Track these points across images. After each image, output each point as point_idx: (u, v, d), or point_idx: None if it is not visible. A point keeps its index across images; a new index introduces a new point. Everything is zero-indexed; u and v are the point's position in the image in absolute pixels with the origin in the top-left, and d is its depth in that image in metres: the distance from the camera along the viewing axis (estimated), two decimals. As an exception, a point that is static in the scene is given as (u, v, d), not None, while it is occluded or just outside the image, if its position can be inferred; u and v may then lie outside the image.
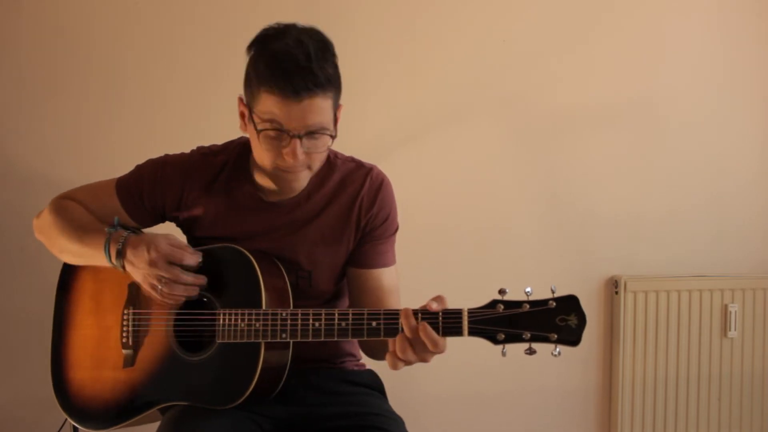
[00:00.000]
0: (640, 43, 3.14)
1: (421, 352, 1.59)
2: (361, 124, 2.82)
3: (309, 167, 1.71)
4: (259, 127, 1.64)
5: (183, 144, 1.92)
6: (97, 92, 2.73)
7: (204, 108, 2.75)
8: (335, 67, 1.67)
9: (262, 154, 1.69)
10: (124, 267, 1.75)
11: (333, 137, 1.69)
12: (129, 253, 1.74)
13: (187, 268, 1.74)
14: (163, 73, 2.77)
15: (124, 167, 1.92)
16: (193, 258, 1.74)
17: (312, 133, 1.65)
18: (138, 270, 1.74)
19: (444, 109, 2.99)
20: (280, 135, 1.64)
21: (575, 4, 3.08)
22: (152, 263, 1.71)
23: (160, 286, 1.72)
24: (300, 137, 1.64)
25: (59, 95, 2.72)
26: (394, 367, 1.62)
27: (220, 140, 1.91)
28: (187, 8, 2.78)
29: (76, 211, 1.87)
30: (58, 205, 1.89)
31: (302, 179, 1.74)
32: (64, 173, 2.68)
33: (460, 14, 2.98)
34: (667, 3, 3.18)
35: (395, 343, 1.60)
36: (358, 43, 2.85)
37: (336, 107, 1.70)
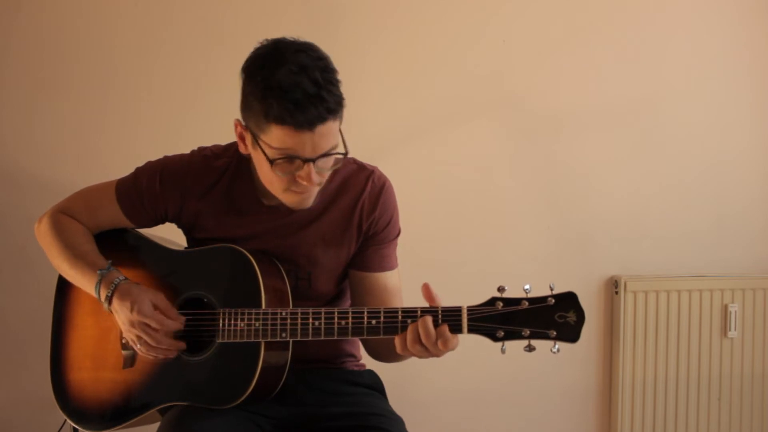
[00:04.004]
0: (640, 43, 3.14)
1: (434, 350, 1.61)
2: (361, 124, 2.82)
3: (318, 184, 1.69)
4: (272, 157, 1.62)
5: (182, 144, 1.92)
6: (97, 93, 2.74)
7: (203, 108, 2.76)
8: (339, 84, 1.63)
9: (273, 179, 1.67)
10: (111, 311, 1.78)
11: (344, 154, 1.67)
12: (115, 303, 1.75)
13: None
14: (162, 73, 2.77)
15: (123, 167, 1.92)
16: (174, 325, 1.75)
17: (324, 156, 1.64)
18: (120, 320, 1.76)
19: (444, 109, 2.99)
20: (293, 161, 1.62)
21: (575, 4, 3.08)
22: (132, 324, 1.73)
23: (138, 344, 1.75)
24: (314, 161, 1.63)
25: (59, 96, 2.72)
26: (402, 352, 1.65)
27: (218, 140, 1.91)
28: (187, 8, 2.79)
29: (74, 234, 1.87)
30: (57, 223, 1.88)
31: (312, 196, 1.73)
32: (64, 173, 2.69)
33: (460, 14, 2.98)
34: (668, 3, 3.18)
35: (406, 338, 1.62)
36: (357, 43, 2.86)
37: (341, 123, 1.67)
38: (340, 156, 1.67)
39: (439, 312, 1.60)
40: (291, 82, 1.56)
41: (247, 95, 1.63)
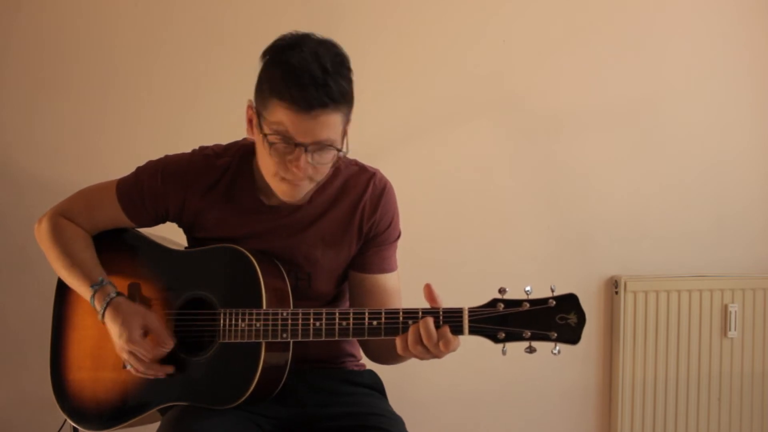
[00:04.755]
0: (640, 43, 3.14)
1: (435, 351, 1.61)
2: (361, 124, 2.80)
3: (311, 178, 1.70)
4: (269, 136, 1.63)
5: (182, 144, 1.92)
6: (97, 93, 2.74)
7: (203, 108, 2.76)
8: (350, 82, 1.66)
9: (267, 162, 1.68)
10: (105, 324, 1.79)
11: (339, 151, 1.68)
12: (107, 322, 1.77)
13: None
14: (162, 73, 2.77)
15: (123, 167, 1.91)
16: (160, 352, 1.75)
17: (319, 147, 1.64)
18: (113, 338, 1.77)
19: (444, 109, 2.99)
20: (287, 145, 1.63)
21: (575, 4, 3.08)
22: (121, 349, 1.75)
23: (128, 365, 1.77)
24: (307, 149, 1.63)
25: (59, 96, 2.72)
26: (402, 353, 1.65)
27: (218, 140, 1.91)
28: (187, 8, 2.79)
29: (73, 239, 1.86)
30: (56, 226, 1.88)
31: (302, 189, 1.72)
32: (64, 173, 2.68)
33: (460, 14, 2.98)
34: (668, 3, 3.18)
35: (407, 339, 1.62)
36: (357, 43, 2.83)
37: (346, 122, 1.68)
38: (336, 152, 1.67)
39: (441, 313, 1.60)
40: (301, 64, 1.59)
41: (260, 75, 1.66)
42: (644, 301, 3.07)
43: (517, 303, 1.58)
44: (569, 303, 1.56)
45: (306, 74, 1.58)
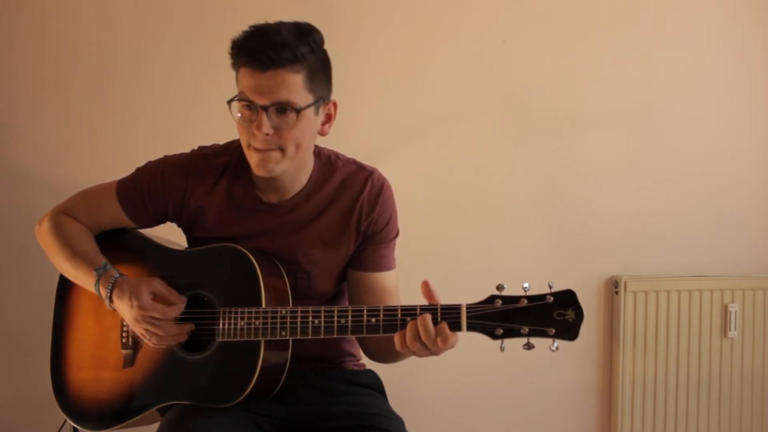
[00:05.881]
0: (640, 43, 3.14)
1: (433, 347, 1.61)
2: (361, 123, 2.83)
3: (281, 149, 1.70)
4: (236, 103, 1.68)
5: (182, 144, 1.92)
6: (97, 92, 2.74)
7: (203, 108, 2.75)
8: (312, 50, 1.69)
9: (240, 135, 1.73)
10: (113, 309, 1.79)
11: (298, 111, 1.68)
12: (116, 301, 1.76)
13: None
14: (162, 73, 2.78)
15: (123, 167, 1.92)
16: (176, 310, 1.75)
17: (278, 108, 1.66)
18: (125, 317, 1.77)
19: (443, 109, 2.99)
20: (252, 112, 1.67)
21: (575, 4, 3.08)
22: (136, 320, 1.74)
23: (147, 336, 1.75)
24: (266, 110, 1.65)
25: (59, 95, 2.72)
26: (401, 350, 1.65)
27: (218, 140, 1.91)
28: (187, 8, 2.79)
29: (74, 233, 1.87)
30: (57, 223, 1.89)
31: (273, 160, 1.71)
32: (64, 173, 2.69)
33: (460, 14, 2.98)
34: (667, 4, 3.18)
35: (405, 336, 1.62)
36: (357, 43, 2.86)
37: (311, 88, 1.69)
38: (295, 114, 1.67)
39: (438, 310, 1.60)
40: (260, 28, 1.69)
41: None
42: (644, 301, 3.07)
43: (515, 299, 1.57)
44: (567, 299, 1.56)
45: (262, 36, 1.66)
